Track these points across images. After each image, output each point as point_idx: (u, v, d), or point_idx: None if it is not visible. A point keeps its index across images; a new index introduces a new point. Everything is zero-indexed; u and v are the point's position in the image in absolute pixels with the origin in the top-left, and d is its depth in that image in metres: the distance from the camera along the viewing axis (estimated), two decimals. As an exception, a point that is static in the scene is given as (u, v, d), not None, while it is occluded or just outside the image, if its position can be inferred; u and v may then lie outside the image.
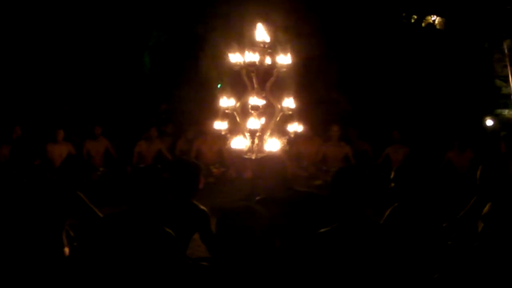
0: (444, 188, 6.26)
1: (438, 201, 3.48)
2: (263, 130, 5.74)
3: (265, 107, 5.79)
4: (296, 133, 5.83)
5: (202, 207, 3.48)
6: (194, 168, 3.58)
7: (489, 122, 9.65)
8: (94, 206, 3.71)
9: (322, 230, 2.71)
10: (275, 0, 8.20)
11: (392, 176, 3.39)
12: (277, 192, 3.43)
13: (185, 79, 10.79)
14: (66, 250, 3.64)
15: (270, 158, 4.03)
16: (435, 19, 11.86)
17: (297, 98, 5.90)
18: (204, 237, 3.48)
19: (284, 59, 5.77)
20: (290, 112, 5.81)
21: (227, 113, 5.75)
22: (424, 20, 11.91)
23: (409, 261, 2.90)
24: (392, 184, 3.38)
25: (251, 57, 5.68)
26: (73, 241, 3.87)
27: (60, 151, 8.06)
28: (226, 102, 5.72)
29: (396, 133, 8.71)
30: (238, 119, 5.78)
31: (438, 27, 11.92)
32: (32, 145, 5.10)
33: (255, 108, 5.64)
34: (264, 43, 5.72)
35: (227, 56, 5.81)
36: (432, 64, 10.60)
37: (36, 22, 10.34)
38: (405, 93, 10.56)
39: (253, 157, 5.62)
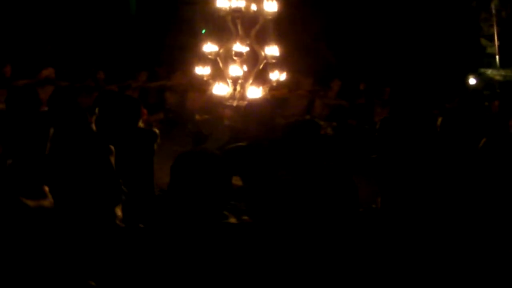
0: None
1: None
2: (245, 77, 5.73)
3: (249, 54, 5.76)
4: (278, 82, 5.84)
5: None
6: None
7: (472, 81, 9.72)
8: None
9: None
10: None
11: (377, 126, 3.35)
12: (262, 140, 3.45)
13: (170, 25, 10.60)
14: None
15: (256, 105, 3.97)
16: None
17: (282, 46, 5.86)
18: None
19: (270, 6, 5.70)
20: (274, 60, 5.79)
21: (209, 59, 5.72)
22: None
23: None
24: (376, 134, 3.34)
25: (237, 2, 5.62)
26: None
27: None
28: (209, 47, 5.68)
29: (385, 91, 8.72)
30: (221, 65, 5.76)
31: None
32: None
33: (239, 55, 5.62)
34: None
35: (213, 1, 5.73)
36: (419, 21, 10.53)
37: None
38: (389, 49, 10.52)
39: (235, 104, 5.65)
